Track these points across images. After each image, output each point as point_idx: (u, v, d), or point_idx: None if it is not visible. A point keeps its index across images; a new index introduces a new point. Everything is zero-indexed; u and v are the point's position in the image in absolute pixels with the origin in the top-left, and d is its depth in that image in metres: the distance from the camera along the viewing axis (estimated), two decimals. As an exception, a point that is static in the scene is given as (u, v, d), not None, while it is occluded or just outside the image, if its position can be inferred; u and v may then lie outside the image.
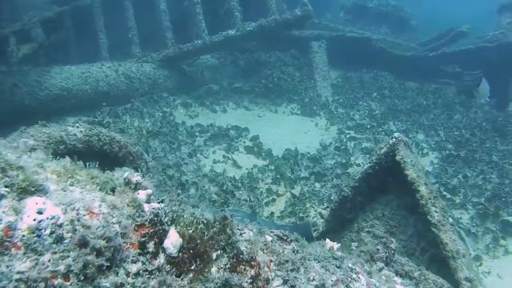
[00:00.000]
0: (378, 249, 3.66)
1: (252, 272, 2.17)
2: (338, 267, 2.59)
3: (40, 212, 1.85)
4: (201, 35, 11.76)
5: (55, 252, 1.81)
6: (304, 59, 14.41)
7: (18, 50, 12.72)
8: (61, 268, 1.79)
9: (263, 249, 2.36)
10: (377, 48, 14.32)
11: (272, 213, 6.91)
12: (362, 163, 8.72)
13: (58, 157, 2.28)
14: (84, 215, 1.93)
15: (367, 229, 5.10)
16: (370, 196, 5.13)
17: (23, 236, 1.78)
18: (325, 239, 3.06)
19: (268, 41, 14.04)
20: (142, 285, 1.96)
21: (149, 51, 12.48)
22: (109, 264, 1.90)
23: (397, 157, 4.68)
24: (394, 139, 4.75)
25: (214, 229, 2.21)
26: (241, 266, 2.18)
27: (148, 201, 2.21)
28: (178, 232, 2.11)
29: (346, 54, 14.51)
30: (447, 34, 15.47)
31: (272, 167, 8.28)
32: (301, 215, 6.89)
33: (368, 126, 10.73)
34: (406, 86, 13.53)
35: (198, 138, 9.29)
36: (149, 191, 2.25)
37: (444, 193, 7.90)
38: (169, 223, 2.13)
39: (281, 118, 11.43)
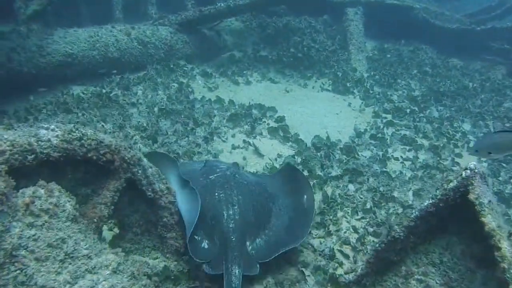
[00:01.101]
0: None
1: None
2: None
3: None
4: (225, -2, 10.40)
5: None
6: (337, 27, 12.95)
7: (26, 7, 11.47)
8: None
9: None
10: (419, 18, 12.77)
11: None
12: (401, 156, 7.49)
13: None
14: None
15: (418, 277, 3.89)
16: (425, 235, 3.89)
17: None
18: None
19: (299, 5, 12.55)
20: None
21: (167, 12, 11.17)
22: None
23: (471, 197, 3.40)
24: (468, 172, 3.45)
25: None
26: None
27: None
28: None
29: (384, 23, 13.01)
30: (498, 7, 13.74)
31: (299, 160, 7.03)
32: (331, 226, 5.70)
33: (408, 110, 9.34)
34: (449, 63, 12.01)
35: (217, 118, 8.03)
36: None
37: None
38: None
39: (311, 95, 10.08)
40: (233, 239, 4.19)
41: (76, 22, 11.41)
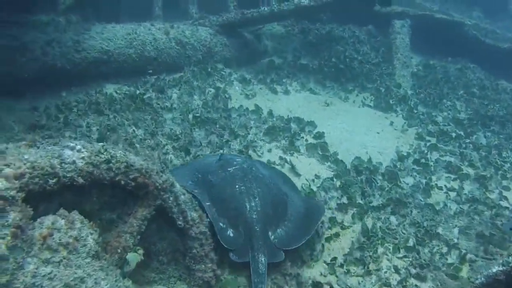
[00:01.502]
0: None
1: None
2: None
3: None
4: (268, 1, 9.90)
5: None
6: (382, 38, 12.34)
7: (63, -1, 11.18)
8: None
9: None
10: (469, 35, 12.10)
11: (334, 258, 5.21)
12: (445, 186, 6.93)
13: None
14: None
15: None
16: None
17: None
18: None
19: (343, 13, 12.00)
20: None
21: (208, 12, 10.74)
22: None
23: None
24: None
25: None
26: None
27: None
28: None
29: (430, 38, 12.36)
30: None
31: (338, 183, 6.53)
32: (371, 265, 5.19)
33: (453, 134, 8.74)
34: (498, 86, 11.32)
35: (253, 130, 7.57)
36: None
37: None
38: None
39: (351, 110, 9.55)
40: (257, 229, 4.33)
41: (115, 17, 11.11)
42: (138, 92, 8.17)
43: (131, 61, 8.59)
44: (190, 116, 7.49)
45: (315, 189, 6.30)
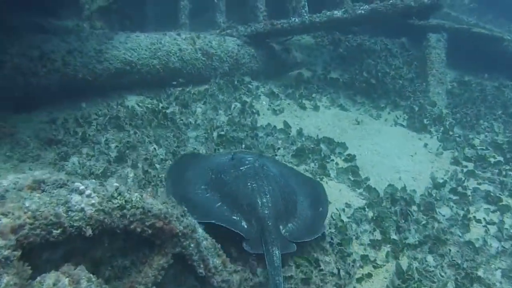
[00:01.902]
0: None
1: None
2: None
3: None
4: (299, 12, 9.45)
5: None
6: (415, 52, 11.76)
7: (91, 2, 10.87)
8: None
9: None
10: (509, 50, 11.44)
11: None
12: (484, 219, 6.38)
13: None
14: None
15: None
16: None
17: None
18: None
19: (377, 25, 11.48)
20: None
21: (235, 21, 10.32)
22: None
23: None
24: None
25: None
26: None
27: None
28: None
29: (467, 53, 11.75)
30: None
31: (371, 214, 6.03)
32: (407, 312, 4.69)
33: (492, 160, 8.15)
34: (540, 107, 10.69)
35: (281, 151, 7.11)
36: None
37: None
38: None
39: (383, 130, 9.01)
40: (270, 224, 4.44)
41: (140, 24, 10.78)
42: (161, 105, 7.76)
43: (155, 72, 8.20)
44: (215, 134, 7.05)
45: (345, 219, 5.81)
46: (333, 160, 7.28)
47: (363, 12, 9.03)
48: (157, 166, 6.14)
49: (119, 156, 6.22)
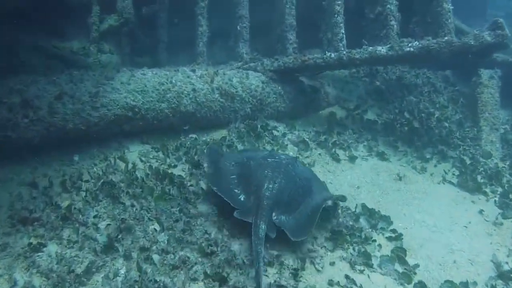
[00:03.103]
0: None
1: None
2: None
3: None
4: (336, 45, 7.89)
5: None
6: (462, 87, 10.12)
7: (100, 22, 9.43)
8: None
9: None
10: None
11: None
12: None
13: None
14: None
15: None
16: None
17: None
18: None
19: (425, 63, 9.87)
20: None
21: (259, 52, 8.81)
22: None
23: None
24: None
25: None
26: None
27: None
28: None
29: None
30: None
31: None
32: None
33: None
34: None
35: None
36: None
37: None
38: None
39: (430, 190, 7.41)
40: (265, 203, 4.86)
41: (152, 49, 9.32)
42: (168, 161, 6.28)
43: (163, 117, 6.74)
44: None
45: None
46: (375, 240, 5.70)
47: (412, 49, 7.44)
48: (156, 258, 4.64)
49: (109, 242, 4.74)
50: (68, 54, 8.65)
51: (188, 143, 6.78)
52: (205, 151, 6.23)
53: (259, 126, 7.47)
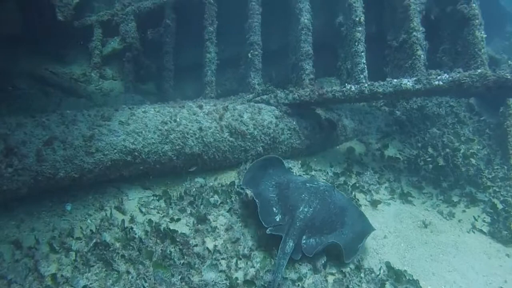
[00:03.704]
0: None
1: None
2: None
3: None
4: (357, 77, 7.10)
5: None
6: (488, 117, 9.29)
7: (101, 47, 8.75)
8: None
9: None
10: None
11: None
12: None
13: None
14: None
15: None
16: None
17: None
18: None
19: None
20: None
21: (272, 81, 8.06)
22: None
23: None
24: None
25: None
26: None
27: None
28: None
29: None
30: None
31: None
32: None
33: None
34: None
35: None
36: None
37: None
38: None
39: (459, 240, 6.58)
40: (298, 225, 4.99)
41: (156, 76, 8.59)
42: (170, 212, 5.52)
43: (166, 160, 6.00)
44: (239, 275, 4.75)
45: None
46: (404, 312, 4.91)
47: (441, 83, 6.64)
48: None
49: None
50: (67, 82, 7.95)
51: (194, 190, 6.01)
52: (252, 164, 6.30)
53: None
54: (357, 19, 7.22)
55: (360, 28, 7.27)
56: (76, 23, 8.96)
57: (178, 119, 6.11)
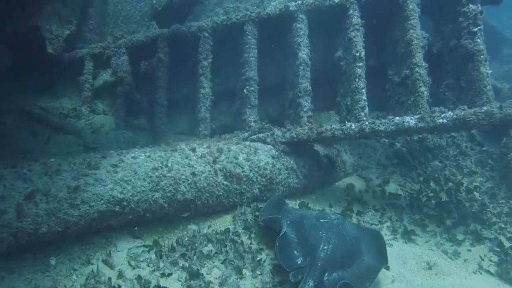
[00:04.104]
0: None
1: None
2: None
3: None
4: (357, 114, 6.78)
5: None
6: (490, 146, 8.97)
7: (92, 80, 8.42)
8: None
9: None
10: None
11: None
12: None
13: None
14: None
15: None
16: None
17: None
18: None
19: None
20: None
21: (269, 115, 7.73)
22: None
23: None
24: None
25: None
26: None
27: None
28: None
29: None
30: None
31: None
32: None
33: None
34: None
35: None
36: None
37: None
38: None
39: (465, 283, 6.18)
40: (318, 264, 4.94)
41: (148, 110, 8.26)
42: (161, 266, 5.13)
43: (156, 208, 5.62)
44: None
45: None
46: None
47: (445, 121, 6.30)
48: None
49: None
50: (56, 118, 7.61)
51: (186, 239, 5.63)
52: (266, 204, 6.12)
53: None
54: (358, 54, 6.92)
55: (360, 64, 6.98)
56: (67, 55, 8.64)
57: (169, 164, 5.75)
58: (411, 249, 6.71)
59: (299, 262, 5.04)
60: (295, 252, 5.20)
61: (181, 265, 5.28)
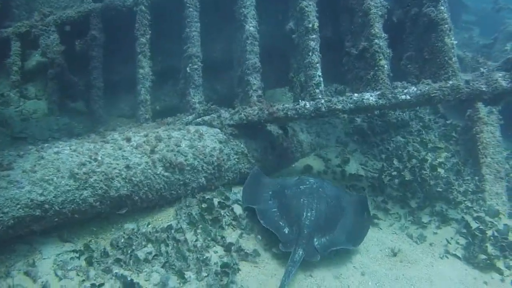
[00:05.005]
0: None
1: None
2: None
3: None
4: (312, 92, 6.17)
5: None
6: (454, 118, 8.56)
7: (20, 63, 7.57)
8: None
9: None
10: None
11: None
12: None
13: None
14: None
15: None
16: None
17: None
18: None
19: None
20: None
21: (217, 93, 7.09)
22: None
23: None
24: None
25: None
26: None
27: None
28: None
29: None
30: None
31: None
32: None
33: None
34: None
35: None
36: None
37: None
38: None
39: (432, 271, 5.79)
40: (305, 232, 5.13)
41: (87, 93, 7.52)
42: (92, 275, 4.52)
43: (87, 208, 4.93)
44: None
45: None
46: None
47: (408, 97, 5.77)
48: None
49: None
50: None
51: (122, 241, 5.00)
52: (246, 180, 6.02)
53: (216, 202, 5.71)
54: (310, 25, 6.28)
55: (314, 36, 6.35)
56: (-11, 35, 7.75)
57: (99, 158, 5.07)
58: (374, 235, 6.26)
59: (286, 232, 5.19)
60: (281, 223, 5.31)
61: (114, 272, 4.66)
